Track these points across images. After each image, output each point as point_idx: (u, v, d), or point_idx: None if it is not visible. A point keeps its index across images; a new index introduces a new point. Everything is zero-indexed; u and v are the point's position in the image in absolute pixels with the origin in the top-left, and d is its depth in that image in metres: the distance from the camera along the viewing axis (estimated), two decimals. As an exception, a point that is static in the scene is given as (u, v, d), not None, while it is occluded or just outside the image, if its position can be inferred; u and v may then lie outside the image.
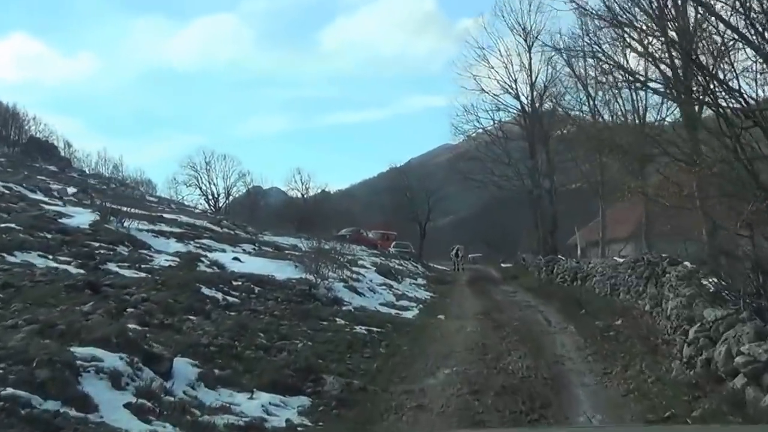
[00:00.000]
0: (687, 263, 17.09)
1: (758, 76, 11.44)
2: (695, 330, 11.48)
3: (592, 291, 26.39)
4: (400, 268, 41.94)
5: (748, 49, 11.16)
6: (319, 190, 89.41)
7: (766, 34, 10.09)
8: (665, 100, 23.72)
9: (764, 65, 10.89)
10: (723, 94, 11.33)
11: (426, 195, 66.73)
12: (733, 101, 11.18)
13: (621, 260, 25.51)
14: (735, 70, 11.27)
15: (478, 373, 13.33)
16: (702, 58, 11.46)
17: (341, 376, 12.30)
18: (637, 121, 29.78)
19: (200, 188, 74.69)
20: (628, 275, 21.83)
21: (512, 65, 50.82)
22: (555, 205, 50.28)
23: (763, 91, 11.61)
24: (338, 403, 10.86)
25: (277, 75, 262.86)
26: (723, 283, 12.70)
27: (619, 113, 31.14)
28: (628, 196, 29.66)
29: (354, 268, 30.02)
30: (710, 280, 14.26)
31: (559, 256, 39.66)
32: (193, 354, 11.30)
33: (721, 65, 11.57)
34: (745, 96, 11.14)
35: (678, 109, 21.74)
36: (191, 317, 14.30)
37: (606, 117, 31.68)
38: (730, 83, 11.22)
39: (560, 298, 25.98)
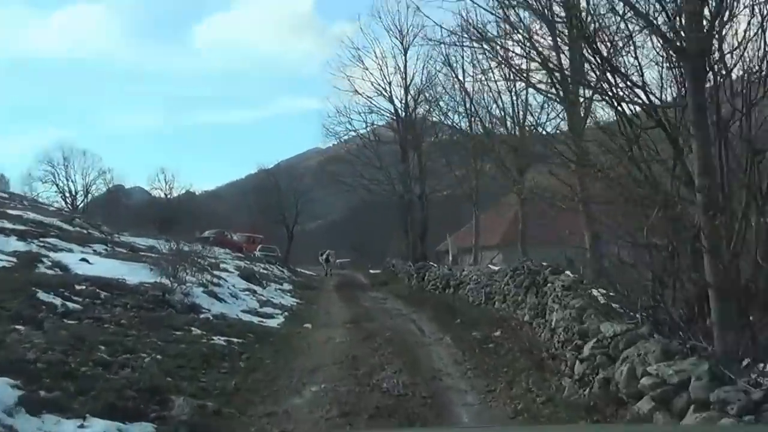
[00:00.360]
0: (569, 272, 16.24)
1: (663, 71, 10.47)
2: (591, 346, 10.41)
3: (465, 299, 25.51)
4: (266, 272, 40.45)
5: (654, 39, 10.16)
6: (184, 191, 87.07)
7: (677, 21, 9.07)
8: (549, 98, 22.80)
9: (672, 58, 9.92)
10: (622, 89, 10.30)
11: (294, 198, 65.24)
12: (636, 97, 10.14)
13: (496, 268, 24.73)
14: (639, 64, 10.23)
15: (349, 391, 11.96)
16: (600, 47, 10.35)
17: (193, 396, 10.58)
18: (518, 123, 28.98)
19: (57, 185, 71.34)
20: (505, 284, 20.96)
21: (387, 67, 50.01)
22: (426, 210, 49.55)
23: (670, 87, 10.62)
24: (187, 431, 9.27)
25: (146, 70, 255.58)
26: (616, 295, 11.76)
27: (500, 115, 30.35)
28: (507, 201, 29.09)
29: (216, 272, 28.20)
30: (599, 290, 13.37)
31: (431, 263, 38.88)
32: (14, 372, 9.12)
33: (621, 56, 10.59)
34: (649, 93, 10.13)
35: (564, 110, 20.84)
36: (19, 327, 12.07)
37: (485, 119, 30.78)
38: (633, 78, 10.20)
39: (433, 306, 24.94)
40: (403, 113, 50.09)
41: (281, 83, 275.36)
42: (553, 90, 17.75)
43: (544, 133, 24.58)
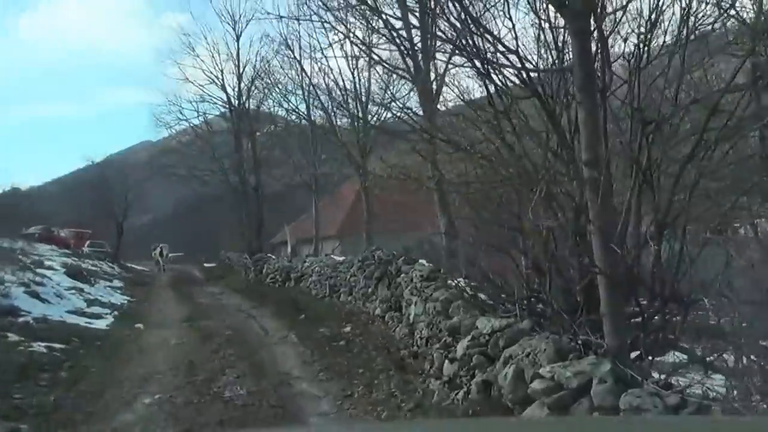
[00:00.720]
0: (424, 261, 15.02)
1: (541, 34, 9.29)
2: (466, 345, 9.05)
3: (308, 292, 24.03)
4: (94, 269, 37.52)
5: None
6: (9, 187, 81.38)
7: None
8: (398, 74, 21.58)
9: (550, 20, 8.75)
10: (492, 54, 9.07)
11: (123, 191, 61.85)
12: (508, 62, 8.92)
13: (340, 258, 23.37)
14: (513, 26, 9.00)
15: (187, 402, 10.27)
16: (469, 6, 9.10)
17: (5, 419, 8.75)
18: (360, 103, 27.78)
19: None
20: (351, 275, 19.63)
21: (219, 54, 47.93)
22: (261, 201, 47.69)
23: (546, 53, 9.46)
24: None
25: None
26: (488, 285, 10.54)
27: (341, 96, 28.97)
28: (347, 189, 28.04)
29: (39, 270, 25.58)
30: (459, 281, 12.16)
31: (269, 255, 37.09)
32: None
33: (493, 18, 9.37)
34: (524, 59, 8.91)
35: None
36: None
37: (326, 101, 29.42)
38: (506, 42, 8.96)
39: (274, 301, 23.30)
40: (236, 102, 48.01)
41: (110, 75, 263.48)
42: (403, 65, 16.52)
43: (392, 113, 23.28)
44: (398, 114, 20.92)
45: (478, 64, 9.47)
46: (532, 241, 9.20)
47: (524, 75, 9.02)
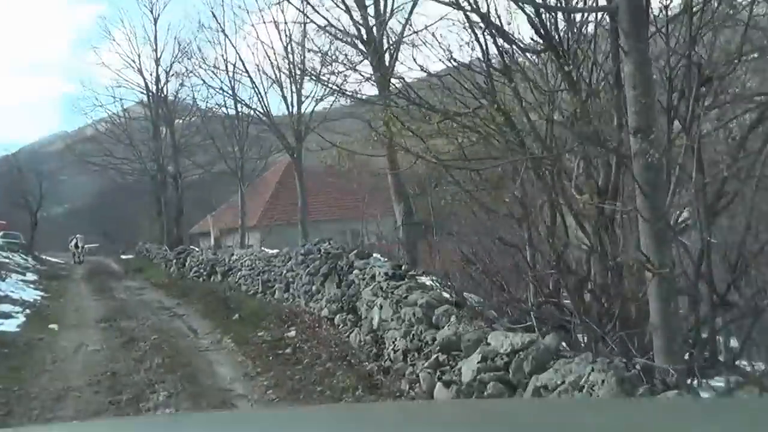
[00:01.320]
0: (378, 256, 12.94)
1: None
2: (476, 367, 6.85)
3: (238, 288, 21.74)
4: (6, 261, 34.55)
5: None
6: None
7: None
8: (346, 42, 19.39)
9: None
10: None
11: (38, 181, 58.17)
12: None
13: (273, 251, 21.12)
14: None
15: None
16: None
17: None
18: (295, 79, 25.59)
19: None
20: (288, 269, 17.45)
21: (136, 38, 44.91)
22: (181, 190, 44.89)
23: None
24: None
25: None
26: (477, 288, 8.47)
27: (275, 75, 26.66)
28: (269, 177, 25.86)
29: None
30: (434, 280, 10.09)
31: (193, 247, 34.41)
32: None
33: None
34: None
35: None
36: None
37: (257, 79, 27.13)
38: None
39: (201, 298, 20.92)
40: (154, 87, 45.06)
41: (25, 65, 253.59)
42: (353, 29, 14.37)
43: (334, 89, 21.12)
44: (342, 90, 18.66)
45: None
46: (547, 232, 7.14)
47: (540, 19, 6.96)
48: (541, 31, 6.97)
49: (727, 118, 6.78)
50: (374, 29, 16.00)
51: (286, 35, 26.37)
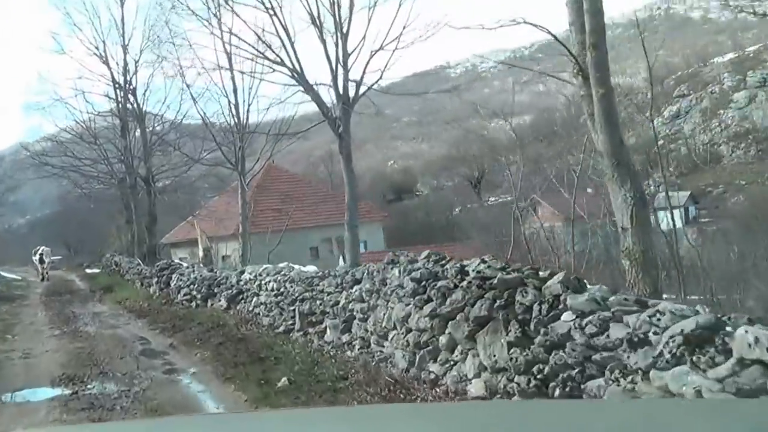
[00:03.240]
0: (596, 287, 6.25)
1: None
2: None
3: (256, 322, 14.77)
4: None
5: None
6: None
7: None
8: None
9: None
10: None
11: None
12: None
13: (309, 269, 14.33)
14: None
15: None
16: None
17: None
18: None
19: None
20: (354, 299, 10.71)
21: (100, 22, 37.48)
22: (154, 194, 37.63)
23: None
24: None
25: None
26: None
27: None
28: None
29: None
30: None
31: (179, 261, 27.07)
32: None
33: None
34: None
35: None
36: None
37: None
38: None
39: (204, 336, 14.03)
40: (122, 77, 37.73)
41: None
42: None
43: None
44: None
45: None
46: None
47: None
48: None
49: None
50: None
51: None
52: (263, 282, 15.09)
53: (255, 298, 15.44)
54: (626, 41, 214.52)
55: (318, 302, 12.23)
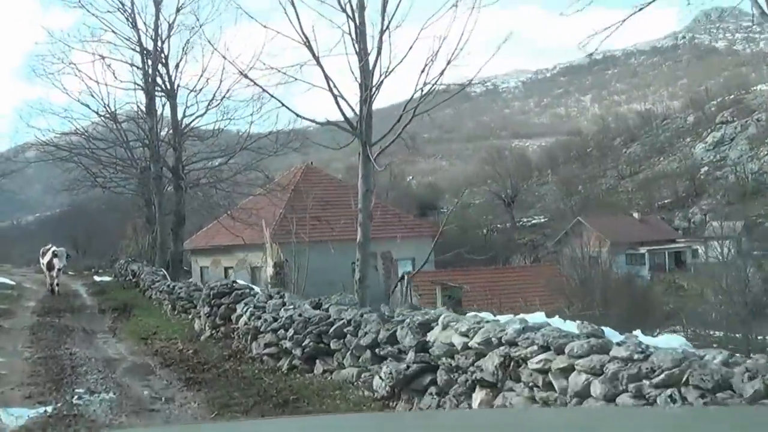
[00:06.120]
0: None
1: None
2: None
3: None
4: None
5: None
6: None
7: None
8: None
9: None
10: None
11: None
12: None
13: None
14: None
15: None
16: None
17: None
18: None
19: None
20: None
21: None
22: (185, 188, 28.59)
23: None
24: None
25: None
26: None
27: None
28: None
29: None
30: None
31: (249, 285, 17.02)
32: None
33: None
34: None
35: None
36: None
37: None
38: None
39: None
40: (153, 40, 28.65)
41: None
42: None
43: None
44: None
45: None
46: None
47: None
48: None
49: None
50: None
51: None
52: (526, 353, 5.90)
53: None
54: (650, 68, 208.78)
55: None
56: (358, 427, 2.46)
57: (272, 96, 16.86)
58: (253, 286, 13.54)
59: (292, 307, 10.90)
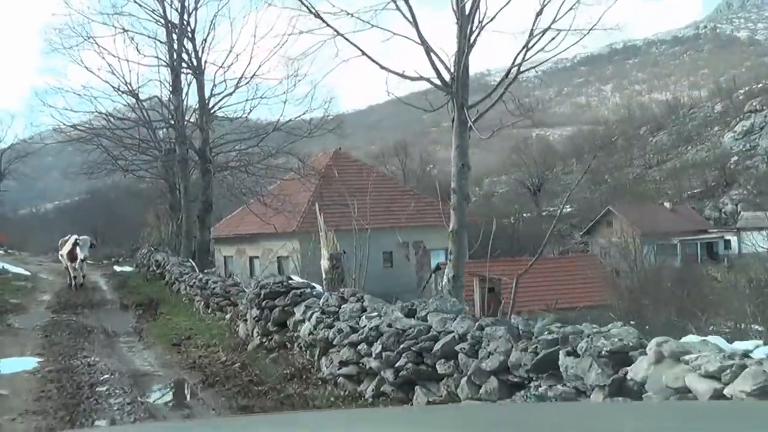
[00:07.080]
0: None
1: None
2: None
3: None
4: None
5: None
6: None
7: None
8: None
9: None
10: None
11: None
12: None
13: None
14: None
15: None
16: None
17: None
18: None
19: None
20: None
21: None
22: (212, 173, 25.93)
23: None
24: None
25: None
26: None
27: None
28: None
29: None
30: None
31: (305, 281, 13.66)
32: None
33: None
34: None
35: None
36: None
37: None
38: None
39: None
40: (178, 15, 25.94)
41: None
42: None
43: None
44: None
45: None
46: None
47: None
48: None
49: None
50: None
51: None
52: None
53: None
54: (671, 58, 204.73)
55: None
56: (366, 421, 2.32)
57: (350, 42, 13.95)
58: (316, 285, 10.77)
59: (376, 314, 8.19)
